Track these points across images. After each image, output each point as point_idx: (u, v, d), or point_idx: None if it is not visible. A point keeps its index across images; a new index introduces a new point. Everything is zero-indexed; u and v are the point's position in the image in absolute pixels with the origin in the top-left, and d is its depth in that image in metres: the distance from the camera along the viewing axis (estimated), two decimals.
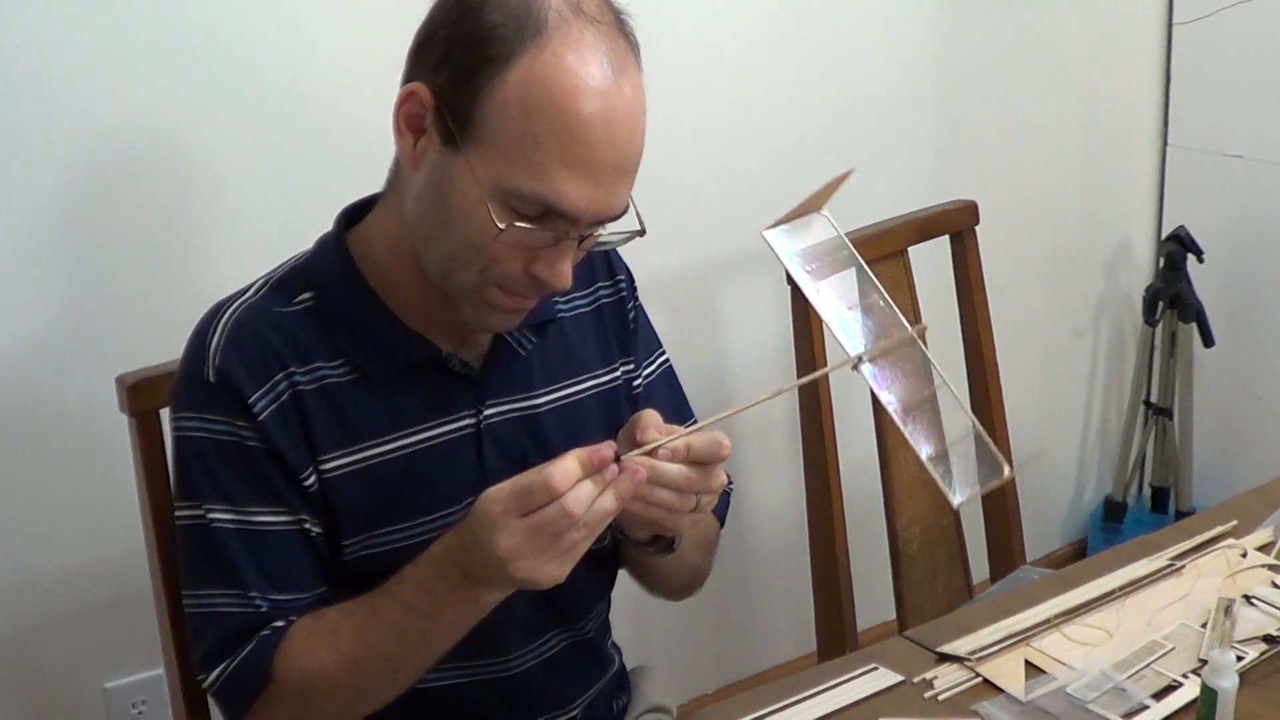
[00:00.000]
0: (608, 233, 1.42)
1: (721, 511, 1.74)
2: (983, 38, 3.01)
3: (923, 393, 1.32)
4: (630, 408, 1.63)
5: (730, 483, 1.72)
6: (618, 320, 1.66)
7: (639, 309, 1.70)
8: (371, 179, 1.51)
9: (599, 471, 1.26)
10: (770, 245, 1.29)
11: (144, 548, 1.67)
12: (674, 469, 1.32)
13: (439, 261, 1.41)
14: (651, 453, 1.31)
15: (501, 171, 1.32)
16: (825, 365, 1.88)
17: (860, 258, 1.32)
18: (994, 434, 2.41)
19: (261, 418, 1.41)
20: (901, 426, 1.27)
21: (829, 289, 1.30)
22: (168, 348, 1.58)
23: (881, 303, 1.32)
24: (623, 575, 1.71)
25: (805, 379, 1.27)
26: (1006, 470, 1.29)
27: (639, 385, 1.68)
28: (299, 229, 1.57)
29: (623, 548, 1.59)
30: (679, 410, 1.71)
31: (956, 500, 1.26)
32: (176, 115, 2.04)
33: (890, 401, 1.28)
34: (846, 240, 1.33)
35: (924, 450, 1.27)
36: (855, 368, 1.27)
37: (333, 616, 1.43)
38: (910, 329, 1.28)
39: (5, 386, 1.99)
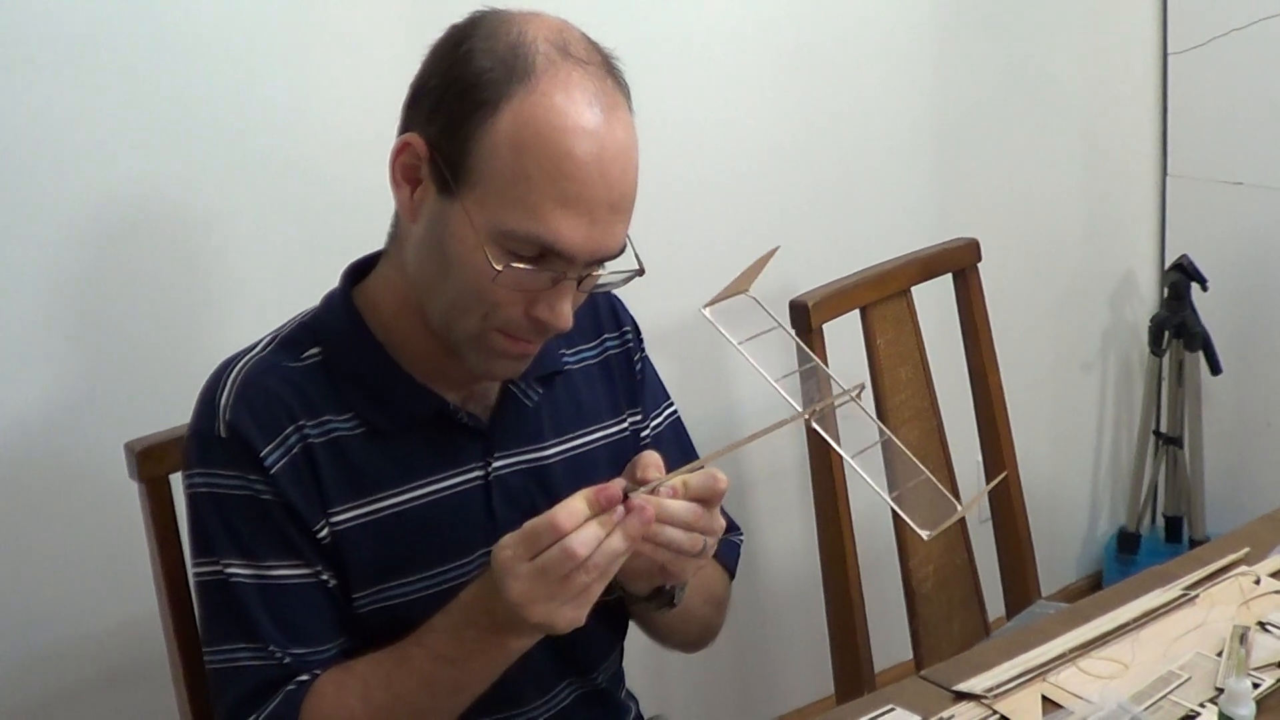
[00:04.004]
0: (607, 273, 1.42)
1: (731, 564, 1.73)
2: (981, 75, 3.03)
3: (874, 443, 1.37)
4: None
5: (740, 533, 1.72)
6: (625, 372, 1.67)
7: (645, 360, 1.70)
8: (373, 238, 1.52)
9: (607, 510, 1.27)
10: (710, 321, 1.32)
11: (158, 613, 1.67)
12: (681, 505, 1.32)
13: (441, 310, 1.41)
14: (653, 491, 1.31)
15: (497, 214, 1.33)
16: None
17: (792, 331, 1.40)
18: (1005, 469, 2.41)
19: (273, 471, 1.41)
20: (861, 474, 1.30)
21: (770, 359, 1.34)
22: (175, 412, 1.59)
23: (821, 367, 1.41)
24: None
25: (759, 433, 1.32)
26: (958, 508, 1.34)
27: (647, 437, 1.68)
28: (303, 291, 1.57)
29: (625, 604, 1.59)
30: (688, 460, 1.70)
31: (925, 534, 1.30)
32: (179, 182, 2.05)
33: (844, 453, 1.33)
34: (774, 316, 1.38)
35: (886, 493, 1.31)
36: (808, 424, 1.29)
37: (360, 668, 1.43)
38: (845, 389, 1.32)
39: (14, 455, 1.99)
